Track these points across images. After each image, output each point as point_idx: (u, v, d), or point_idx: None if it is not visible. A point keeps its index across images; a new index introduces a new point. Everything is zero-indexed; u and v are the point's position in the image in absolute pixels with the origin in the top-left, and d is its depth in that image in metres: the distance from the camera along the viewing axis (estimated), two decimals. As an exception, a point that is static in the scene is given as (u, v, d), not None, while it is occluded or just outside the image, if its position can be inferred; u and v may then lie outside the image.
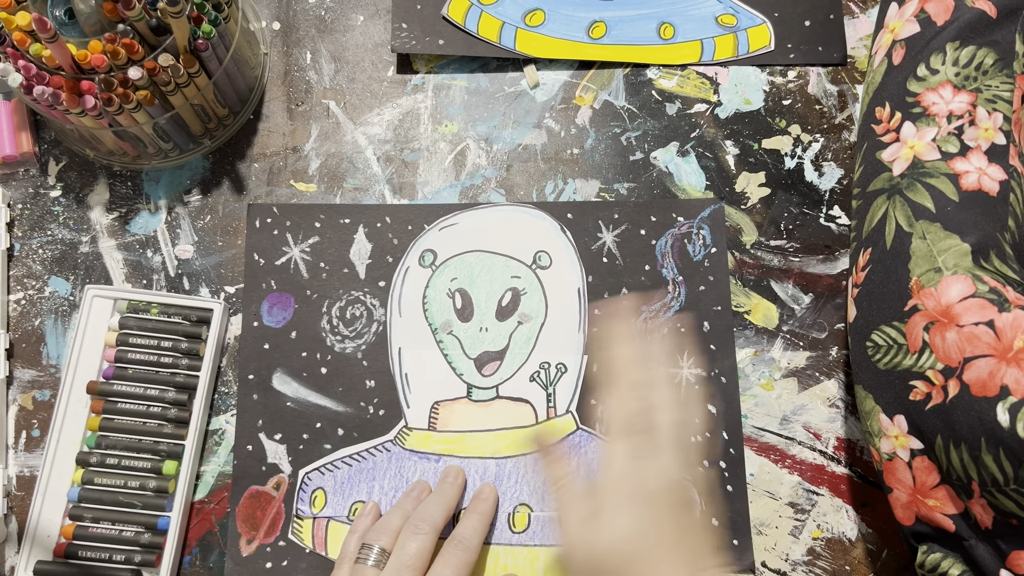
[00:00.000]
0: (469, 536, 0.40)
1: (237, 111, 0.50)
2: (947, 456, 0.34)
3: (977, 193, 0.37)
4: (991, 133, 0.38)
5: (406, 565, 0.38)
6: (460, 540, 0.40)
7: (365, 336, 0.47)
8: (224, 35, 0.46)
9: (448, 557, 0.39)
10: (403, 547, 0.39)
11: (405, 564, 0.38)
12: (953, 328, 0.34)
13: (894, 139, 0.40)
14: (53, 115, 0.44)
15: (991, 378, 0.32)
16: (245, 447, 0.45)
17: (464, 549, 0.39)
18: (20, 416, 0.46)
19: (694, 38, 0.51)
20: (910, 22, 0.41)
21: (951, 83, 0.39)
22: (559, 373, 0.46)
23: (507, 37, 0.51)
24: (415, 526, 0.39)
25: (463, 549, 0.39)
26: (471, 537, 0.40)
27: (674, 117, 0.51)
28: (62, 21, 0.44)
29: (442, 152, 0.50)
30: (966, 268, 0.35)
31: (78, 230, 0.49)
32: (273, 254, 0.48)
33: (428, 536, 0.39)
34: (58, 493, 0.44)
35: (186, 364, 0.46)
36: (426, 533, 0.39)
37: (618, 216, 0.48)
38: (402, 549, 0.39)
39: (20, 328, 0.48)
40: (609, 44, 0.51)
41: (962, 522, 0.35)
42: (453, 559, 0.39)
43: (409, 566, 0.38)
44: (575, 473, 0.37)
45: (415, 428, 0.46)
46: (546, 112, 0.51)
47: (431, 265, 0.48)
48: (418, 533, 0.39)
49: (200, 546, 0.45)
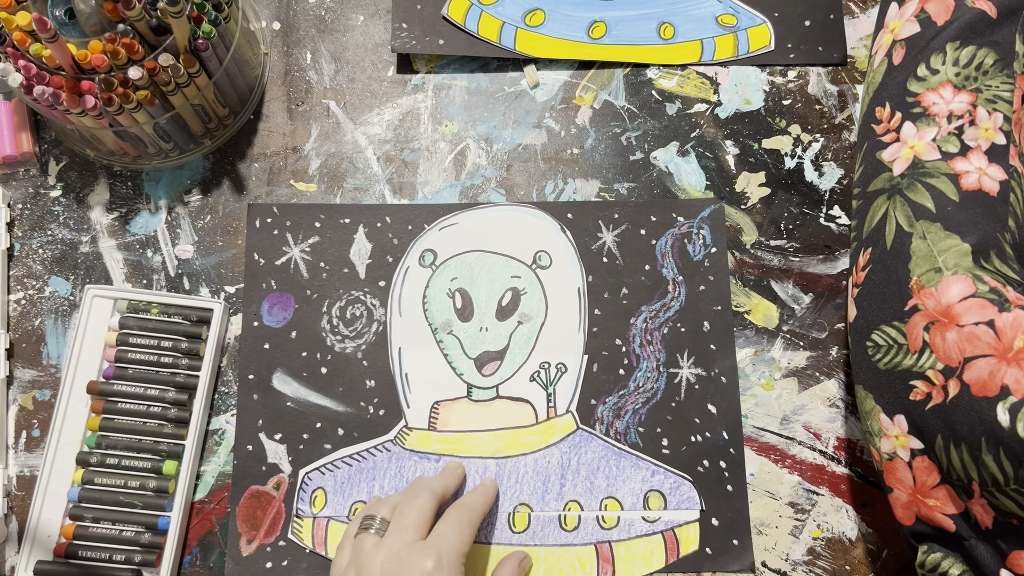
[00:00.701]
0: (471, 501, 0.40)
1: (237, 111, 0.50)
2: (947, 456, 0.34)
3: (977, 193, 0.37)
4: (991, 133, 0.38)
5: (406, 527, 0.38)
6: (462, 504, 0.40)
7: (365, 336, 0.47)
8: (224, 35, 0.46)
9: (450, 517, 0.39)
10: (402, 512, 0.38)
11: (405, 526, 0.38)
12: (953, 328, 0.34)
13: (894, 139, 0.40)
14: (53, 115, 0.44)
15: (991, 378, 0.32)
16: (245, 447, 0.45)
17: (467, 511, 0.39)
18: (20, 416, 0.46)
19: (694, 38, 0.51)
20: (910, 22, 0.41)
21: (951, 83, 0.39)
22: (559, 373, 0.46)
23: (507, 37, 0.51)
24: (413, 492, 0.39)
25: (466, 511, 0.39)
26: (473, 502, 0.40)
27: (674, 117, 0.51)
28: (62, 21, 0.44)
29: (442, 152, 0.50)
30: (966, 268, 0.35)
31: (78, 230, 0.49)
32: (273, 254, 0.48)
33: (427, 500, 0.39)
34: (58, 493, 0.44)
35: (186, 364, 0.46)
36: (424, 498, 0.39)
37: (618, 216, 0.48)
38: (401, 514, 0.38)
39: (20, 328, 0.48)
40: (609, 44, 0.51)
41: (962, 522, 0.35)
42: (455, 517, 0.39)
43: (409, 527, 0.38)
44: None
45: (415, 428, 0.46)
46: (546, 112, 0.51)
47: (431, 265, 0.48)
48: (416, 498, 0.39)
49: (200, 546, 0.45)
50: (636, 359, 0.46)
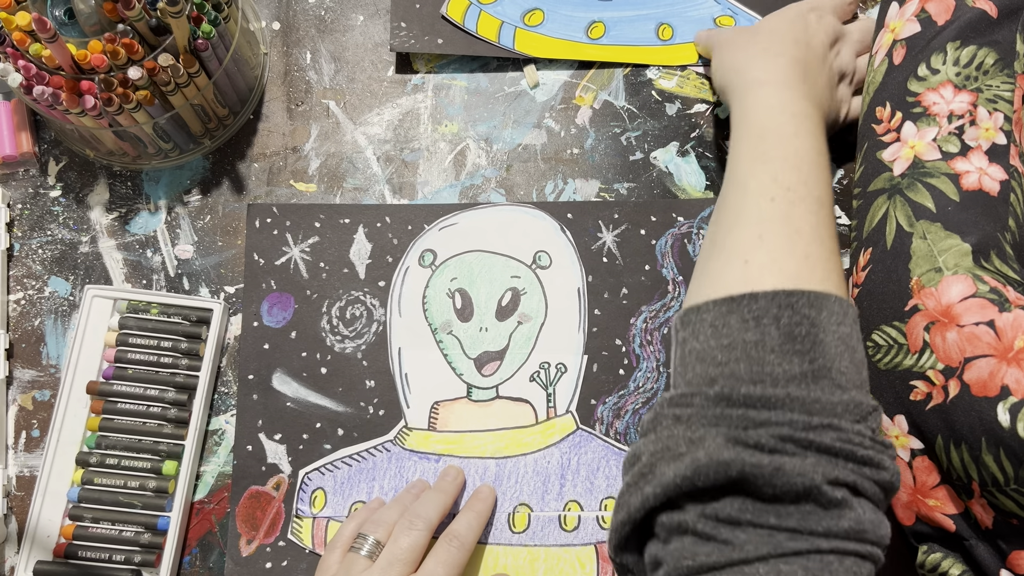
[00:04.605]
0: (463, 533, 0.40)
1: (237, 111, 0.50)
2: (947, 456, 0.34)
3: (978, 193, 0.37)
4: (992, 133, 0.38)
5: (398, 559, 0.38)
6: (454, 537, 0.40)
7: (365, 336, 0.47)
8: (224, 35, 0.46)
9: (440, 554, 0.39)
10: (396, 541, 0.39)
11: (397, 557, 0.38)
12: (954, 328, 0.34)
13: (895, 139, 0.40)
14: (53, 115, 0.44)
15: (992, 378, 0.32)
16: (245, 447, 0.45)
17: (458, 547, 0.40)
18: (20, 416, 0.46)
19: (692, 39, 0.51)
20: (911, 22, 0.41)
21: (952, 83, 0.39)
22: (559, 373, 0.46)
23: (506, 36, 0.51)
24: (410, 521, 0.40)
25: (456, 547, 0.39)
26: (465, 534, 0.40)
27: (674, 117, 0.50)
28: (62, 21, 0.44)
29: (442, 152, 0.50)
30: (967, 268, 0.35)
31: (78, 230, 0.49)
32: (273, 254, 0.48)
33: (422, 532, 0.39)
34: (58, 493, 0.44)
35: (186, 364, 0.46)
36: (420, 529, 0.39)
37: (618, 216, 0.48)
38: (395, 543, 0.39)
39: (20, 328, 0.48)
40: (608, 44, 0.51)
41: (962, 522, 0.35)
42: (445, 556, 0.39)
43: (401, 560, 0.38)
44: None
45: (415, 428, 0.46)
46: (546, 112, 0.51)
47: (431, 265, 0.48)
48: (412, 529, 0.39)
49: (200, 546, 0.45)
50: (636, 359, 0.46)
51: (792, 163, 0.36)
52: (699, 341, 0.33)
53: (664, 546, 0.30)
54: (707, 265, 0.35)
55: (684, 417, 0.31)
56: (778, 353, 0.31)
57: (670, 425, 0.32)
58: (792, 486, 0.28)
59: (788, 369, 0.31)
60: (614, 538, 0.32)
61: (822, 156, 0.37)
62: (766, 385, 0.31)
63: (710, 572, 0.28)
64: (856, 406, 0.31)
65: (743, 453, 0.29)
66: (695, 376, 0.32)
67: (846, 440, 0.30)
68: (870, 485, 0.30)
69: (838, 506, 0.29)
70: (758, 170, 0.36)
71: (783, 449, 0.29)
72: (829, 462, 0.29)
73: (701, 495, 0.29)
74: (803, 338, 0.31)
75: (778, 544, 0.28)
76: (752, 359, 0.31)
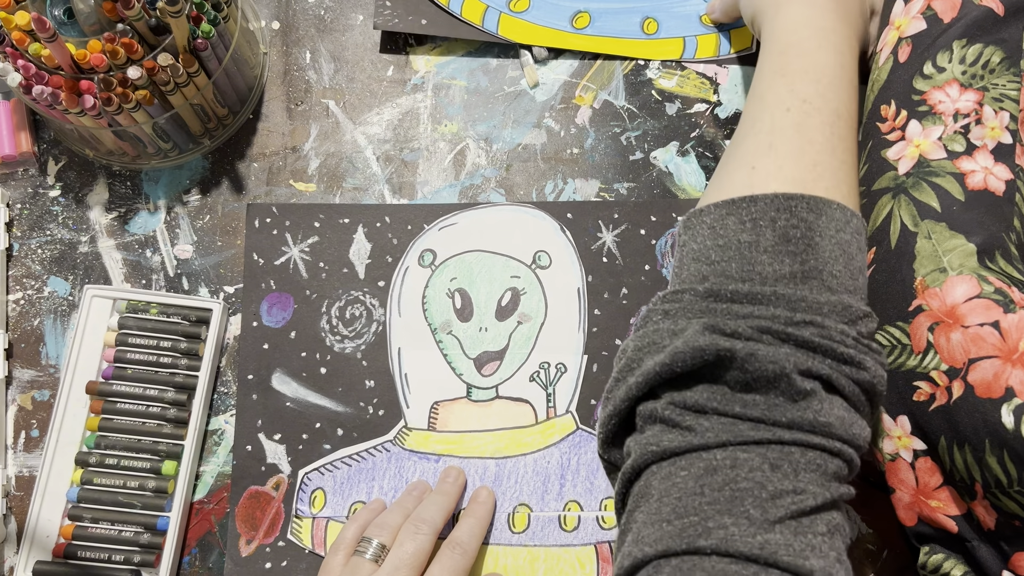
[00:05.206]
0: (466, 540, 0.40)
1: (237, 111, 0.50)
2: (950, 457, 0.34)
3: (983, 193, 0.37)
4: (997, 132, 0.38)
5: (404, 563, 0.38)
6: (457, 544, 0.40)
7: (365, 336, 0.47)
8: (223, 35, 0.45)
9: (445, 561, 0.39)
10: (402, 545, 0.39)
11: (403, 562, 0.38)
12: (958, 329, 0.34)
13: (899, 137, 0.39)
14: (52, 115, 0.44)
15: (996, 379, 0.32)
16: (244, 447, 0.45)
17: (461, 554, 0.40)
18: (19, 416, 0.46)
19: (677, 35, 0.51)
20: (916, 19, 0.41)
21: (958, 81, 0.39)
22: (559, 373, 0.46)
23: (490, 21, 0.50)
24: (415, 526, 0.40)
25: (460, 553, 0.40)
26: (468, 541, 0.40)
27: (674, 117, 0.50)
28: (61, 21, 0.44)
29: (442, 152, 0.50)
30: (971, 268, 0.35)
31: (77, 230, 0.49)
32: (272, 254, 0.48)
33: (427, 537, 0.39)
34: (57, 493, 0.44)
35: (185, 364, 0.46)
36: (425, 534, 0.39)
37: (618, 216, 0.48)
38: (400, 547, 0.39)
39: (19, 328, 0.48)
40: (592, 35, 0.51)
41: (965, 523, 0.35)
42: (449, 563, 0.39)
43: (407, 564, 0.38)
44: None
45: (415, 428, 0.46)
46: (546, 112, 0.50)
47: (431, 265, 0.48)
48: (418, 533, 0.39)
49: (200, 546, 0.44)
50: (637, 359, 0.46)
51: (812, 76, 0.35)
52: (696, 242, 0.33)
53: (639, 435, 0.30)
54: (718, 173, 0.36)
55: (672, 312, 0.32)
56: (770, 253, 0.31)
57: (658, 320, 0.32)
58: (763, 372, 0.29)
59: (778, 269, 0.31)
60: (601, 433, 0.32)
61: (845, 71, 0.36)
62: (754, 283, 0.31)
63: (672, 458, 0.29)
64: (844, 308, 0.31)
65: (719, 339, 0.29)
66: (688, 275, 0.33)
67: (826, 336, 0.30)
68: (847, 383, 0.30)
69: (806, 397, 0.29)
70: (776, 83, 0.36)
71: (759, 339, 0.29)
72: (804, 354, 0.29)
73: (677, 384, 0.30)
74: (797, 240, 0.31)
75: (739, 432, 0.28)
76: (744, 258, 0.31)
